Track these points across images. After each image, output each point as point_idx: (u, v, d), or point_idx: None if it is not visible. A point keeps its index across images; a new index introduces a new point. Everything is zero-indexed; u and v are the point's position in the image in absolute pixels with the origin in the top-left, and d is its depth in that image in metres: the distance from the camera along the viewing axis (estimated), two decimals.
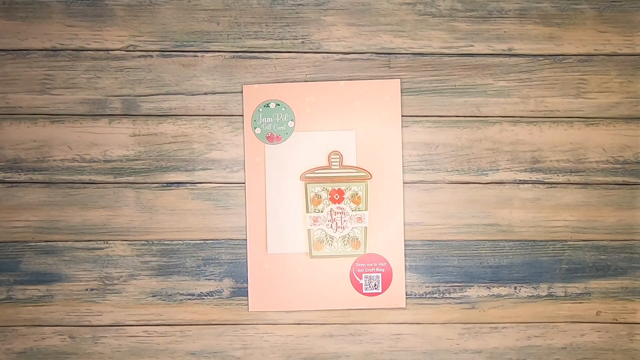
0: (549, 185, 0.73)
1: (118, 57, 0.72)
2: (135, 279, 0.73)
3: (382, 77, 0.72)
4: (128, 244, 0.73)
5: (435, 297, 0.74)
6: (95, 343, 0.73)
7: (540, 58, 0.73)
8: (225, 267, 0.73)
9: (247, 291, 0.73)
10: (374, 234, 0.72)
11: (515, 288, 0.74)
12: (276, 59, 0.72)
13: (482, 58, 0.73)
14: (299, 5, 0.72)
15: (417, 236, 0.73)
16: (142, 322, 0.73)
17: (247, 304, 0.73)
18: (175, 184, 0.72)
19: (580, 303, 0.74)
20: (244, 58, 0.72)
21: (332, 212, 0.72)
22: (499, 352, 0.74)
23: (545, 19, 0.73)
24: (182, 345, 0.73)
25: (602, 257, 0.73)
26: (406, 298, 0.73)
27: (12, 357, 0.73)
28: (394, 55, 0.72)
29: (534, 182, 0.73)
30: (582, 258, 0.73)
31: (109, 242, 0.72)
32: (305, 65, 0.72)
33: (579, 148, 0.73)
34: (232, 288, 0.73)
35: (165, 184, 0.72)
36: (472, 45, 0.72)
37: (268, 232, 0.72)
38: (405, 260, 0.73)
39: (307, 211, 0.72)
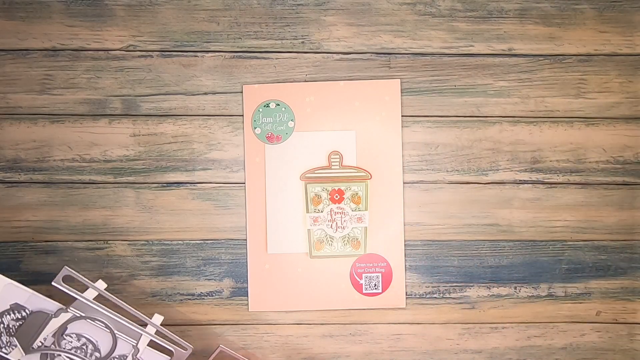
0: (549, 185, 0.73)
1: (118, 57, 0.72)
2: (135, 279, 0.73)
3: (382, 77, 0.72)
4: (128, 244, 0.73)
5: (435, 297, 0.74)
6: None
7: (540, 58, 0.73)
8: (225, 267, 0.73)
9: (247, 291, 0.73)
10: (374, 234, 0.72)
11: (515, 288, 0.74)
12: (276, 59, 0.72)
13: (482, 58, 0.73)
14: (299, 5, 0.72)
15: (417, 236, 0.73)
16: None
17: (247, 304, 0.73)
18: (175, 184, 0.72)
19: (580, 303, 0.74)
20: (244, 58, 0.72)
21: (332, 212, 0.72)
22: (499, 352, 0.74)
23: (545, 19, 0.73)
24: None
25: (602, 257, 0.73)
26: (406, 298, 0.73)
27: None
28: (394, 55, 0.72)
29: (534, 182, 0.73)
30: (582, 258, 0.73)
31: (109, 242, 0.72)
32: (305, 65, 0.72)
33: (579, 148, 0.73)
34: (232, 288, 0.73)
35: (165, 184, 0.72)
36: (472, 45, 0.72)
37: (268, 232, 0.72)
38: (405, 260, 0.73)
39: (307, 211, 0.72)
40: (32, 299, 0.59)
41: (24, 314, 0.59)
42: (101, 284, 0.60)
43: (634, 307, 0.74)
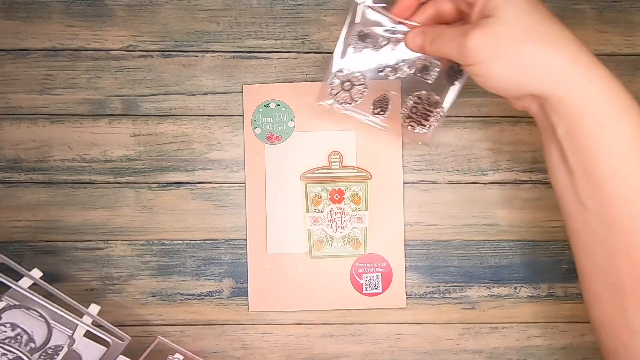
0: (549, 185, 0.73)
1: (118, 57, 0.72)
2: (135, 279, 0.73)
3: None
4: (128, 244, 0.73)
5: (435, 297, 0.74)
6: None
7: None
8: (225, 267, 0.73)
9: (247, 291, 0.73)
10: (374, 234, 0.72)
11: (515, 288, 0.74)
12: (276, 59, 0.72)
13: None
14: (299, 5, 0.72)
15: (417, 236, 0.73)
16: (142, 322, 0.73)
17: (247, 304, 0.73)
18: (175, 184, 0.72)
19: (580, 303, 0.74)
20: (244, 58, 0.72)
21: (332, 212, 0.72)
22: (499, 352, 0.74)
23: None
24: (182, 345, 0.73)
25: None
26: (406, 298, 0.73)
27: None
28: None
29: (534, 182, 0.73)
30: None
31: (109, 242, 0.72)
32: (305, 65, 0.72)
33: None
34: (232, 288, 0.73)
35: (165, 184, 0.72)
36: None
37: (268, 232, 0.72)
38: (405, 260, 0.73)
39: (307, 211, 0.72)
40: None
41: None
42: (36, 272, 0.60)
43: None
